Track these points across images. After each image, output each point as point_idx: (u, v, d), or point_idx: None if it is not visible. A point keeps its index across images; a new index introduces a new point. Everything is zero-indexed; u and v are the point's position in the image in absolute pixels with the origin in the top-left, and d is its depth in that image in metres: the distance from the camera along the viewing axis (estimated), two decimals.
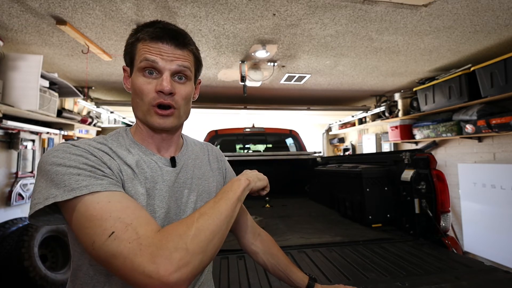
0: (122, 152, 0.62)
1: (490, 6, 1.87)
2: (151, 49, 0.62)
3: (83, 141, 0.60)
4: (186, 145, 0.77)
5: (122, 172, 0.59)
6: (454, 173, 3.32)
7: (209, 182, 0.76)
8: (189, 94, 0.68)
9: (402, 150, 2.07)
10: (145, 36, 0.62)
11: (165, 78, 0.62)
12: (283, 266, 0.84)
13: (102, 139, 0.64)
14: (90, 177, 0.51)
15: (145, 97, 0.62)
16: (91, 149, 0.57)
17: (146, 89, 0.62)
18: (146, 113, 0.63)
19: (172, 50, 0.63)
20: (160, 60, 0.62)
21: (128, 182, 0.58)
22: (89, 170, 0.53)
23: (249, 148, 4.20)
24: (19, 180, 2.60)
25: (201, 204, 0.71)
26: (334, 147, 6.72)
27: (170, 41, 0.63)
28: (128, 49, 0.66)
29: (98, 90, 4.02)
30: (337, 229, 1.84)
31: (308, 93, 4.34)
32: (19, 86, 2.31)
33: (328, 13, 1.97)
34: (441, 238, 1.55)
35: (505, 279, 1.05)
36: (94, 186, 0.50)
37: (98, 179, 0.52)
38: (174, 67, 0.63)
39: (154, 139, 0.68)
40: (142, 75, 0.63)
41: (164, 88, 0.61)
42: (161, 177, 0.64)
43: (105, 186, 0.51)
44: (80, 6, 1.83)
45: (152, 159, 0.66)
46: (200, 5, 1.86)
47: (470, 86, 2.81)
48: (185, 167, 0.71)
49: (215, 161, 0.83)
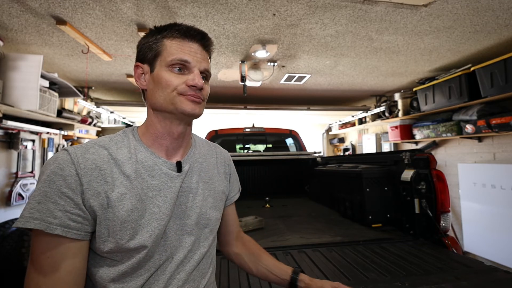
0: (123, 158, 0.61)
1: (490, 6, 1.87)
2: (183, 47, 0.64)
3: (82, 149, 0.59)
4: (194, 147, 0.76)
5: (113, 189, 0.58)
6: (454, 173, 3.32)
7: (215, 186, 0.76)
8: (208, 93, 0.70)
9: (402, 150, 2.07)
10: (175, 34, 0.64)
11: (197, 74, 0.64)
12: (266, 263, 0.82)
13: (106, 141, 0.63)
14: (47, 210, 0.52)
15: (172, 88, 0.63)
16: (81, 168, 0.56)
17: (175, 81, 0.63)
18: (173, 100, 0.63)
19: (200, 51, 0.66)
20: (192, 59, 0.64)
21: (117, 201, 0.57)
22: (52, 200, 0.52)
23: (249, 148, 4.20)
24: (19, 180, 2.60)
25: (207, 209, 0.71)
26: (334, 147, 6.72)
27: (200, 41, 0.65)
28: (151, 45, 0.65)
29: (98, 90, 4.02)
30: (337, 229, 1.84)
31: (308, 93, 4.34)
32: (19, 86, 2.30)
33: (328, 13, 1.97)
34: (441, 238, 1.55)
35: (505, 279, 1.05)
36: (42, 222, 0.51)
37: (54, 212, 0.52)
38: (203, 67, 0.65)
39: (166, 138, 0.66)
40: (170, 70, 0.63)
41: (198, 83, 0.63)
42: (165, 184, 0.64)
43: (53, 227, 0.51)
44: (80, 6, 1.83)
45: (157, 165, 0.64)
46: (200, 5, 1.86)
47: (470, 86, 2.81)
48: (191, 171, 0.71)
49: (223, 165, 0.83)
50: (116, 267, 0.58)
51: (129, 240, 0.57)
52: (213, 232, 0.73)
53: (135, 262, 0.58)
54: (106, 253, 0.57)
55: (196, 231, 0.68)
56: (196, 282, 0.67)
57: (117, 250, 0.57)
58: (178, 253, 0.64)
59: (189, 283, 0.65)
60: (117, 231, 0.56)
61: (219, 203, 0.76)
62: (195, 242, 0.67)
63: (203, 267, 0.69)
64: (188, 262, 0.65)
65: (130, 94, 4.30)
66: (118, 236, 0.56)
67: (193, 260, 0.66)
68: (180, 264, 0.64)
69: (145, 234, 0.58)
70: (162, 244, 0.62)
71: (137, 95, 4.29)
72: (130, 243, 0.57)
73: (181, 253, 0.64)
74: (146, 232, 0.59)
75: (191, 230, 0.67)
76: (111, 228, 0.56)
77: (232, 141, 4.05)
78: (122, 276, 0.58)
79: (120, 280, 0.58)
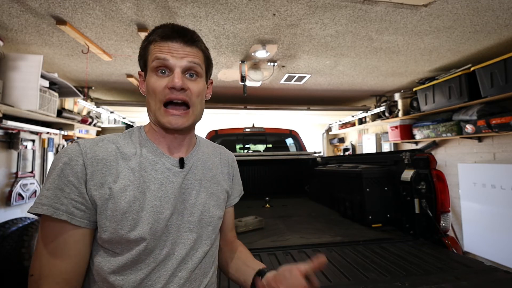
0: (129, 152, 0.64)
1: (490, 6, 1.87)
2: (162, 48, 0.63)
3: (91, 142, 0.62)
4: (198, 146, 0.77)
5: (117, 181, 0.60)
6: (454, 173, 3.32)
7: (218, 185, 0.76)
8: (202, 91, 0.68)
9: (402, 150, 2.07)
10: (156, 37, 0.64)
11: (176, 74, 0.63)
12: (244, 258, 0.79)
13: (115, 137, 0.67)
14: (55, 197, 0.55)
15: (157, 95, 0.63)
16: (88, 158, 0.59)
17: (158, 86, 0.63)
18: (157, 112, 0.64)
19: (181, 48, 0.64)
20: (170, 58, 0.63)
21: (120, 192, 0.59)
22: (60, 188, 0.56)
23: (249, 148, 4.20)
24: (19, 180, 2.60)
25: (210, 206, 0.71)
26: (334, 147, 6.72)
27: (179, 39, 0.64)
28: (141, 53, 0.68)
29: (98, 90, 4.02)
30: (337, 229, 1.84)
31: (308, 93, 4.34)
32: (19, 86, 2.30)
33: (328, 13, 1.97)
34: (441, 238, 1.55)
35: (505, 279, 1.05)
36: (50, 208, 0.54)
37: (61, 199, 0.56)
38: (185, 63, 0.64)
39: (166, 138, 0.69)
40: (155, 74, 0.64)
41: (176, 83, 0.62)
42: (167, 179, 0.65)
43: (60, 212, 0.55)
44: (80, 6, 1.83)
45: (161, 160, 0.67)
46: (200, 5, 1.86)
47: (470, 86, 2.81)
48: (194, 169, 0.72)
49: (226, 166, 0.84)
50: (116, 258, 0.59)
51: (130, 231, 0.58)
52: (216, 230, 0.73)
53: (134, 255, 0.59)
54: (106, 243, 0.59)
55: (198, 228, 0.68)
56: (197, 281, 0.67)
57: (117, 240, 0.58)
58: (179, 250, 0.64)
59: (191, 281, 0.65)
60: (118, 221, 0.58)
61: (221, 202, 0.76)
62: (197, 239, 0.68)
63: (205, 266, 0.69)
64: (190, 260, 0.66)
65: (130, 94, 4.30)
66: (119, 226, 0.58)
67: (195, 258, 0.66)
68: (181, 262, 0.64)
69: (145, 226, 0.59)
70: (163, 239, 0.63)
71: (137, 95, 4.29)
72: (130, 234, 0.58)
73: (183, 249, 0.65)
74: (146, 224, 0.60)
75: (194, 227, 0.67)
76: (112, 218, 0.58)
77: (232, 141, 4.05)
78: (122, 268, 0.59)
79: (120, 272, 0.58)
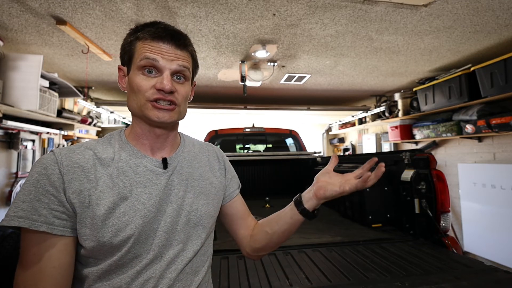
0: (107, 157, 0.63)
1: (490, 6, 1.87)
2: (152, 48, 0.61)
3: (67, 150, 0.61)
4: (183, 145, 0.75)
5: (96, 187, 0.59)
6: (454, 173, 3.32)
7: (207, 183, 0.74)
8: (188, 94, 0.68)
9: (402, 150, 2.07)
10: (146, 35, 0.62)
11: (166, 77, 0.61)
12: (275, 217, 0.78)
13: (93, 143, 0.65)
14: (32, 209, 0.54)
15: (143, 93, 0.62)
16: (64, 167, 0.58)
17: (144, 85, 0.61)
18: (142, 107, 0.62)
19: (173, 50, 0.63)
20: (160, 59, 0.61)
21: (99, 199, 0.58)
22: (37, 199, 0.55)
23: (249, 148, 4.20)
24: (19, 180, 2.60)
25: (198, 206, 0.69)
26: (334, 147, 6.71)
27: (171, 41, 0.63)
28: (126, 48, 0.65)
29: (98, 90, 4.02)
30: (337, 229, 1.84)
31: (308, 93, 4.34)
32: (19, 86, 2.30)
33: (328, 13, 1.97)
34: (441, 238, 1.55)
35: (505, 279, 1.05)
36: (27, 220, 0.53)
37: (39, 210, 0.54)
38: (175, 66, 0.63)
39: (148, 138, 0.67)
40: (141, 73, 0.62)
41: (165, 86, 0.60)
42: (150, 181, 0.64)
43: (38, 224, 0.54)
44: (80, 6, 1.83)
45: (142, 162, 0.65)
46: (200, 5, 1.86)
47: (470, 86, 2.81)
48: (179, 168, 0.70)
49: (216, 162, 0.82)
50: (99, 265, 0.58)
51: (112, 237, 0.57)
52: (206, 229, 0.71)
53: (117, 260, 0.58)
54: (89, 251, 0.58)
55: (187, 229, 0.66)
56: (188, 281, 0.65)
57: (99, 247, 0.57)
58: (167, 252, 0.63)
59: (181, 281, 0.64)
60: (99, 229, 0.56)
61: (212, 200, 0.74)
62: (186, 240, 0.66)
63: (196, 264, 0.68)
64: (179, 261, 0.64)
65: None
66: (100, 233, 0.56)
67: (185, 258, 0.65)
68: (170, 263, 0.63)
69: (128, 231, 0.58)
70: (149, 243, 0.61)
71: None
72: (113, 240, 0.57)
73: (171, 252, 0.63)
74: (129, 229, 0.58)
75: (181, 228, 0.66)
76: (92, 226, 0.57)
77: (232, 141, 4.05)
78: (107, 273, 0.58)
79: (105, 277, 0.58)
